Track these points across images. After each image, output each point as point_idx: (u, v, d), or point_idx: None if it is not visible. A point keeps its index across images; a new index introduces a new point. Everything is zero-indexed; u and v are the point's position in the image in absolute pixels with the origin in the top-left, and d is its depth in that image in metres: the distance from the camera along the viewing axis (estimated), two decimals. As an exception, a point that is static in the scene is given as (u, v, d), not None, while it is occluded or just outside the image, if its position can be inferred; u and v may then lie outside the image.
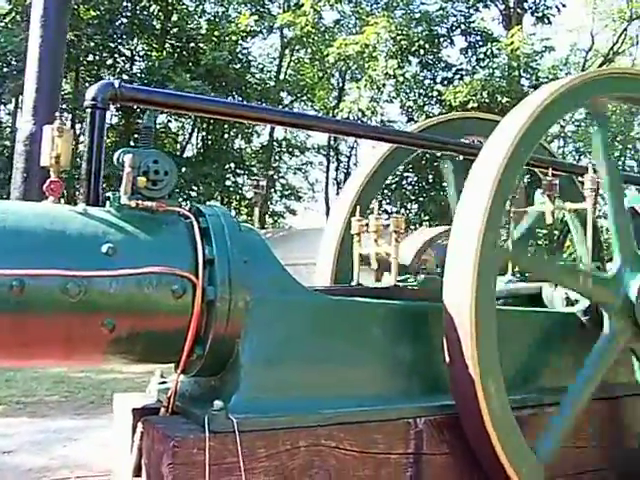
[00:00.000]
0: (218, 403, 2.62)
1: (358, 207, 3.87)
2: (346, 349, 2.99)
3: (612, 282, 3.47)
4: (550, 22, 25.03)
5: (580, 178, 4.32)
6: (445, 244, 3.13)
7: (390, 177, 4.94)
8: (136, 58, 27.71)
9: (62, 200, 2.86)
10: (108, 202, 2.78)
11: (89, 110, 2.93)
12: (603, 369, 3.33)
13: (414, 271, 3.94)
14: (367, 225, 3.61)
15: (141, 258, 2.61)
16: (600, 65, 28.45)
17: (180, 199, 2.91)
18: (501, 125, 3.30)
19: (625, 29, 30.14)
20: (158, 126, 28.27)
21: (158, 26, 26.93)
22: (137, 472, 2.84)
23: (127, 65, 27.52)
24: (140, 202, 2.72)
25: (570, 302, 3.98)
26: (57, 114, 2.84)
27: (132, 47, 27.33)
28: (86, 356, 2.80)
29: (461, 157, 4.27)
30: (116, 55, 26.96)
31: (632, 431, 3.66)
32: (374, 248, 3.53)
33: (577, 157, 32.29)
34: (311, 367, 2.89)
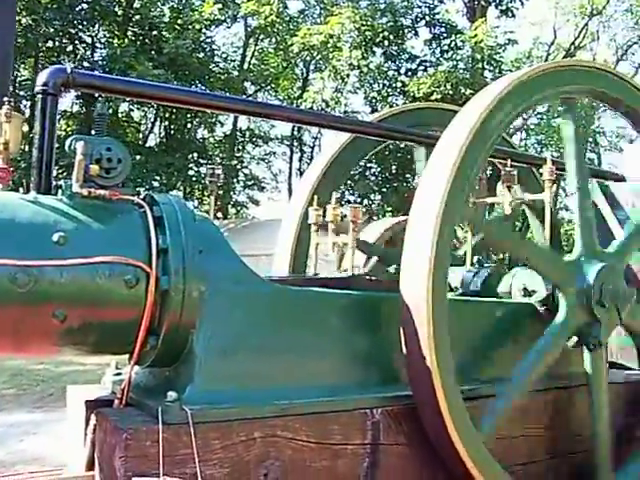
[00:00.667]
0: (172, 394, 2.58)
1: (317, 197, 3.85)
2: (303, 340, 2.97)
3: (571, 266, 3.51)
4: (514, 15, 25.23)
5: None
6: None
7: (353, 168, 4.93)
8: (97, 45, 27.30)
9: (21, 189, 2.80)
10: (60, 190, 2.71)
11: (40, 96, 2.85)
12: (552, 354, 3.36)
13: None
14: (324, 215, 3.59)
15: (93, 247, 2.56)
16: (563, 59, 28.78)
17: (142, 189, 2.86)
18: (461, 113, 3.30)
19: (586, 24, 30.55)
20: (120, 115, 27.96)
21: (120, 12, 26.55)
22: (90, 465, 2.80)
23: (88, 52, 27.10)
24: (92, 190, 2.66)
25: (527, 293, 4.01)
26: (6, 100, 2.76)
27: (93, 34, 26.93)
28: (37, 347, 2.75)
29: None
30: (76, 41, 26.54)
31: (585, 420, 3.69)
32: (332, 238, 3.52)
33: (539, 149, 32.68)
34: (267, 358, 2.86)
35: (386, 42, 23.91)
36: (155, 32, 26.08)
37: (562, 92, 3.60)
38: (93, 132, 2.87)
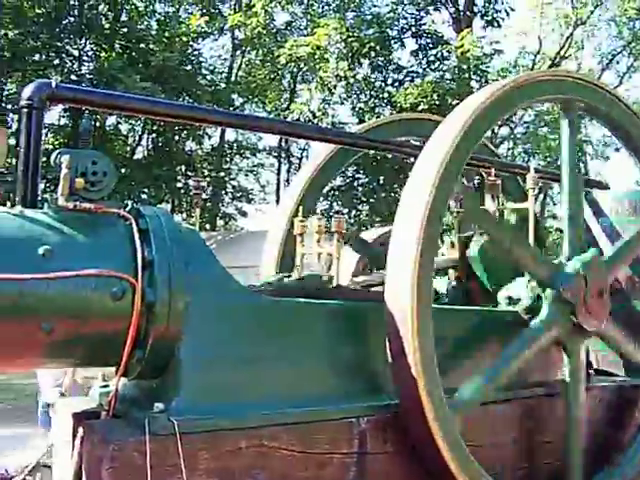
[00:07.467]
0: (159, 405, 2.61)
1: (301, 208, 3.88)
2: (287, 349, 2.99)
3: (558, 267, 3.55)
4: (499, 25, 25.38)
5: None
6: None
7: (340, 178, 5.01)
8: (84, 58, 27.25)
9: (8, 203, 2.81)
10: (46, 204, 2.73)
11: (25, 110, 2.86)
12: (529, 352, 3.42)
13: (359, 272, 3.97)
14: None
15: (79, 260, 2.57)
16: (548, 68, 28.96)
17: (130, 202, 2.87)
18: (442, 125, 3.34)
19: (571, 34, 30.79)
20: (108, 128, 27.94)
21: (107, 26, 26.55)
22: (78, 478, 2.80)
23: (75, 65, 27.07)
24: (78, 204, 2.67)
25: (513, 301, 4.04)
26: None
27: (80, 47, 26.90)
28: (23, 361, 2.75)
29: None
30: (63, 55, 26.50)
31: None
32: (316, 249, 3.55)
33: (526, 159, 32.80)
34: (252, 368, 2.88)
35: (373, 53, 23.95)
36: (142, 45, 26.07)
37: (539, 101, 3.64)
38: (79, 146, 2.89)
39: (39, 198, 2.85)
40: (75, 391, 8.09)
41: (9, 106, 24.45)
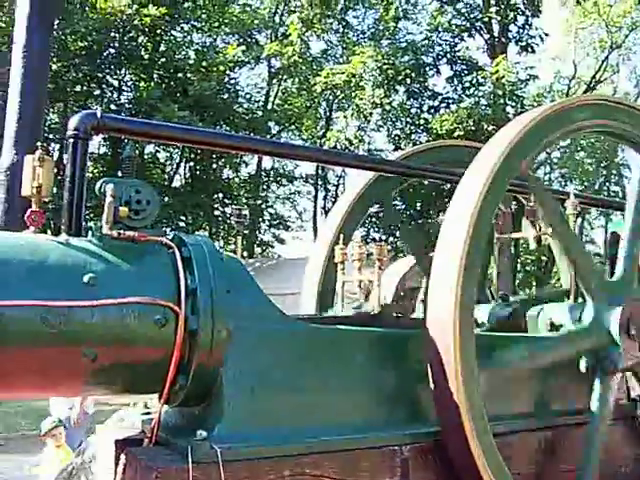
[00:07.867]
0: (201, 433, 2.60)
1: (342, 235, 3.88)
2: (329, 377, 2.97)
3: (608, 285, 3.53)
4: (534, 51, 25.40)
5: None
6: None
7: (377, 205, 4.97)
8: (124, 88, 27.91)
9: (49, 231, 2.85)
10: (90, 232, 2.77)
11: (71, 140, 2.92)
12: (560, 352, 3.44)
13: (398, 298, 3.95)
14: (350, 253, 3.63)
15: (123, 288, 2.60)
16: (584, 92, 28.81)
17: (168, 229, 2.90)
18: (482, 151, 3.33)
19: (606, 57, 30.63)
20: (146, 157, 28.39)
21: (146, 56, 27.11)
22: (120, 504, 2.81)
23: (115, 95, 27.66)
24: (122, 232, 2.71)
25: (555, 327, 3.99)
26: (39, 144, 2.84)
27: (120, 77, 27.52)
28: (67, 387, 2.78)
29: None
30: (104, 85, 27.12)
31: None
32: (357, 276, 3.55)
33: (563, 183, 32.57)
34: (295, 395, 2.87)
35: (408, 80, 24.12)
36: (180, 75, 26.56)
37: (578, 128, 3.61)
38: (120, 174, 2.93)
39: (83, 226, 2.89)
40: (84, 421, 8.23)
41: (51, 136, 24.99)
